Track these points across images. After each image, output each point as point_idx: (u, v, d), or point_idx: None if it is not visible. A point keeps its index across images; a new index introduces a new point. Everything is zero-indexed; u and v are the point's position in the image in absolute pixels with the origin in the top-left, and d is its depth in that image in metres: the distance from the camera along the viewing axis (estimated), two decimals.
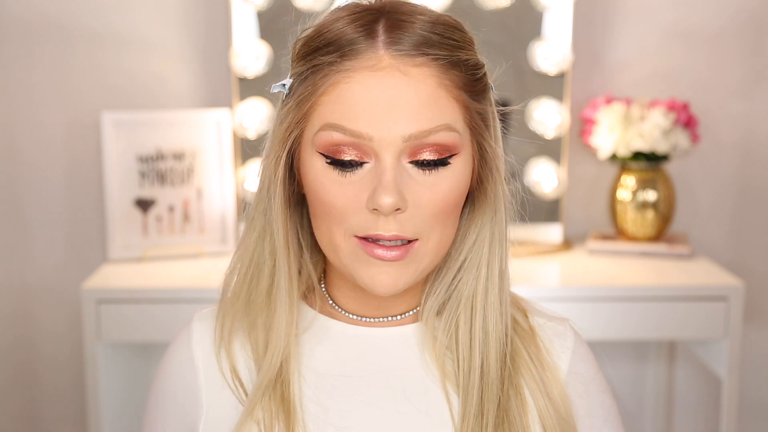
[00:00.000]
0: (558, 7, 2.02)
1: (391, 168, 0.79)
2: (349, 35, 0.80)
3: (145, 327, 1.82)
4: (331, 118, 0.80)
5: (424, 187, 0.81)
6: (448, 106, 0.80)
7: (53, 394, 2.23)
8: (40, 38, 2.09)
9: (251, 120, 2.02)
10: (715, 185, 2.21)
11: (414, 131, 0.79)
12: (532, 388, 0.89)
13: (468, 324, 0.88)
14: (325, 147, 0.81)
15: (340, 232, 0.82)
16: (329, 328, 0.91)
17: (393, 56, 0.79)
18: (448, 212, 0.83)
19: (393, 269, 0.82)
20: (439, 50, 0.80)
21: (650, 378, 2.28)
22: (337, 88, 0.80)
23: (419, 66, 0.79)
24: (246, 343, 0.90)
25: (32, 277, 2.18)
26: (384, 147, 0.79)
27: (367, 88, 0.79)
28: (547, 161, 2.08)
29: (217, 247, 2.06)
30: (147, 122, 2.03)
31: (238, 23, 2.01)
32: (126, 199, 2.03)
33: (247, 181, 2.05)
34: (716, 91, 2.17)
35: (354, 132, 0.79)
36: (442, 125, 0.80)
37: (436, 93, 0.80)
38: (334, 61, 0.80)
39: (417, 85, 0.79)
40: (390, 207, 0.78)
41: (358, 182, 0.80)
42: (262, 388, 0.86)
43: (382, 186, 0.78)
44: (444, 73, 0.80)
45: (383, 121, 0.78)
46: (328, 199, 0.81)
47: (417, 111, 0.79)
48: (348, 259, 0.83)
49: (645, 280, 1.89)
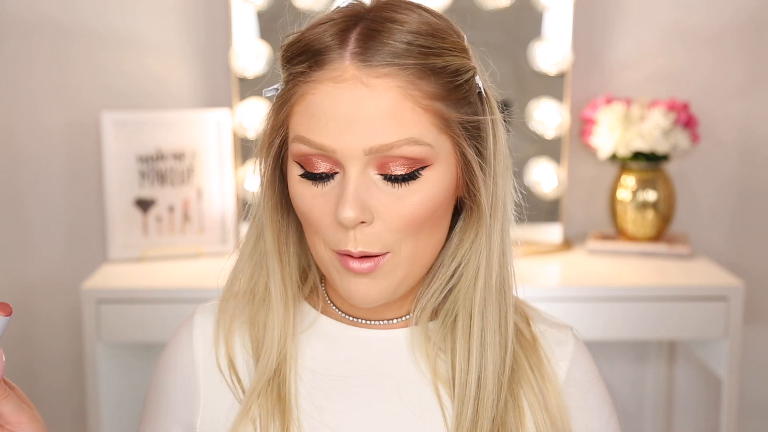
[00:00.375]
0: (558, 7, 2.02)
1: (355, 180, 0.78)
2: (321, 43, 0.79)
3: (145, 327, 1.82)
4: (300, 130, 0.80)
5: (392, 199, 0.80)
6: (414, 118, 0.78)
7: (53, 394, 2.23)
8: (40, 38, 2.09)
9: (251, 120, 2.02)
10: (715, 185, 2.21)
11: (375, 144, 0.77)
12: (531, 401, 0.88)
13: (465, 333, 0.87)
14: (298, 157, 0.81)
15: (320, 243, 0.83)
16: (328, 328, 0.91)
17: (357, 67, 0.78)
18: (421, 224, 0.81)
19: (367, 281, 0.82)
20: (407, 59, 0.78)
21: (650, 378, 2.28)
22: (306, 99, 0.80)
23: (383, 77, 0.77)
24: (246, 340, 0.91)
25: (32, 276, 2.18)
26: (347, 159, 0.78)
27: (330, 99, 0.78)
28: (547, 161, 2.08)
29: (217, 247, 2.06)
30: (147, 122, 2.03)
31: (238, 23, 2.01)
32: (126, 199, 2.03)
33: (247, 181, 2.05)
34: (716, 91, 2.17)
35: (317, 144, 0.79)
36: (405, 139, 0.78)
37: (400, 105, 0.77)
38: (304, 71, 0.80)
39: (379, 97, 0.77)
40: (351, 221, 0.78)
41: (328, 193, 0.80)
42: (259, 388, 0.87)
43: (343, 199, 0.78)
44: (412, 83, 0.78)
45: (344, 133, 0.78)
46: (303, 208, 0.82)
47: (378, 124, 0.77)
48: (329, 269, 0.84)
49: (645, 280, 1.89)
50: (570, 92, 2.08)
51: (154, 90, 2.12)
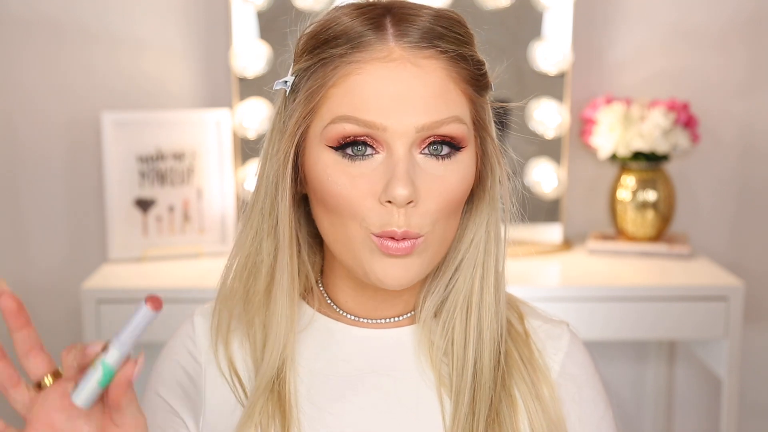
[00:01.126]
0: (558, 7, 2.02)
1: (404, 159, 0.79)
2: (358, 28, 0.80)
3: None
4: (343, 110, 0.80)
5: (434, 179, 0.80)
6: (456, 98, 0.81)
7: None
8: (40, 38, 2.09)
9: (251, 120, 2.02)
10: (715, 185, 2.21)
11: (426, 122, 0.79)
12: (523, 390, 0.89)
13: (463, 323, 0.88)
14: (336, 139, 0.80)
15: (356, 226, 0.81)
16: (327, 327, 0.91)
17: (403, 48, 0.79)
18: (454, 206, 0.83)
19: (402, 262, 0.81)
20: (447, 43, 0.80)
21: (650, 378, 2.28)
22: (348, 79, 0.80)
23: (429, 58, 0.80)
24: (245, 341, 0.90)
25: (32, 276, 2.18)
26: (396, 137, 0.79)
27: (378, 79, 0.79)
28: (547, 161, 2.08)
29: (217, 247, 2.06)
30: (147, 122, 2.03)
31: (238, 23, 2.01)
32: (126, 199, 2.03)
33: (247, 181, 2.05)
34: (716, 91, 2.17)
35: (367, 122, 0.79)
36: (452, 117, 0.80)
37: (445, 85, 0.80)
38: (345, 53, 0.80)
39: (427, 76, 0.79)
40: (405, 199, 0.78)
41: (370, 174, 0.80)
42: (261, 389, 0.86)
43: (397, 177, 0.78)
44: (452, 66, 0.81)
45: (396, 111, 0.78)
46: (340, 191, 0.80)
47: (428, 102, 0.79)
48: (362, 252, 0.82)
49: (645, 280, 1.89)
50: (570, 92, 2.08)
51: (154, 90, 2.12)
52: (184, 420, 0.90)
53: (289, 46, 0.87)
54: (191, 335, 0.92)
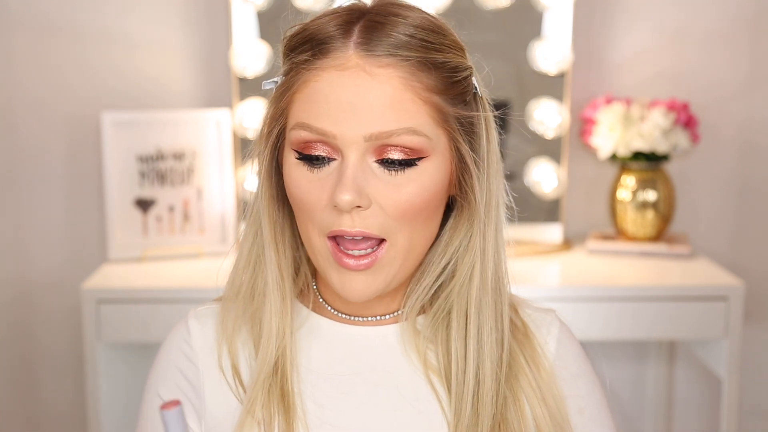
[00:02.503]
0: (558, 7, 2.02)
1: (353, 166, 0.80)
2: (324, 33, 0.81)
3: (145, 327, 1.82)
4: (301, 117, 0.82)
5: (388, 187, 0.81)
6: (413, 109, 0.80)
7: (53, 394, 2.23)
8: (40, 38, 2.09)
9: (251, 120, 2.02)
10: (715, 185, 2.21)
11: (375, 131, 0.79)
12: (529, 394, 0.89)
13: (462, 333, 0.87)
14: (296, 144, 0.82)
15: (314, 230, 0.83)
16: (321, 326, 0.91)
17: (360, 56, 0.80)
18: (415, 214, 0.82)
19: (363, 277, 0.83)
20: (411, 52, 0.80)
21: (650, 378, 2.28)
22: (308, 86, 0.81)
23: (385, 67, 0.80)
24: (248, 341, 0.91)
25: (33, 276, 2.18)
26: (347, 145, 0.80)
27: (332, 86, 0.80)
28: (547, 161, 2.08)
29: (217, 247, 2.06)
30: (147, 122, 2.03)
31: (238, 23, 2.01)
32: (126, 199, 2.03)
33: (247, 181, 2.05)
34: (716, 91, 2.17)
35: (319, 130, 0.80)
36: (405, 128, 0.80)
37: (401, 95, 0.80)
38: (307, 60, 0.82)
39: (381, 86, 0.79)
40: (348, 204, 0.79)
41: (325, 178, 0.82)
42: (259, 384, 0.87)
43: (341, 183, 0.80)
44: (413, 75, 0.80)
45: (346, 120, 0.79)
46: (299, 194, 0.83)
47: (379, 112, 0.79)
48: (322, 261, 0.84)
49: (645, 280, 1.89)
50: (570, 92, 2.08)
51: (154, 90, 2.12)
52: (187, 423, 0.90)
53: None
54: (186, 338, 0.92)
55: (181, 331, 0.93)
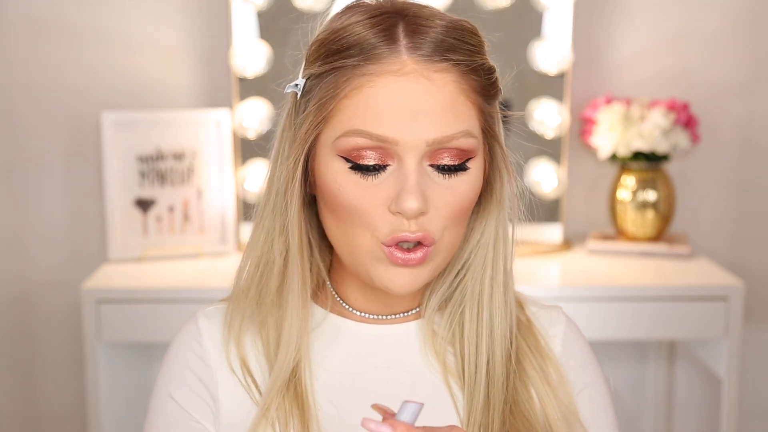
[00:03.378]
0: (558, 7, 2.02)
1: (415, 171, 0.80)
2: (370, 39, 0.80)
3: (145, 327, 1.82)
4: (355, 123, 0.80)
5: (443, 189, 0.82)
6: (466, 111, 0.82)
7: (53, 394, 2.23)
8: (40, 38, 2.09)
9: (251, 120, 2.02)
10: (715, 185, 2.21)
11: (437, 136, 0.80)
12: (532, 375, 0.91)
13: (474, 322, 0.89)
14: (347, 151, 0.81)
15: (366, 235, 0.82)
16: (339, 326, 0.91)
17: (416, 61, 0.80)
18: (464, 213, 0.84)
19: (410, 270, 0.83)
20: (459, 55, 0.81)
21: (650, 378, 2.28)
22: (361, 92, 0.80)
23: (441, 71, 0.80)
24: (257, 340, 0.90)
25: (33, 276, 2.18)
26: (407, 151, 0.80)
27: (391, 93, 0.79)
28: (547, 161, 2.08)
29: (217, 247, 2.06)
30: (147, 122, 2.03)
31: (238, 23, 2.01)
32: (126, 199, 2.03)
33: (247, 181, 2.05)
34: (716, 91, 2.17)
35: (380, 137, 0.80)
36: (462, 131, 0.81)
37: (456, 99, 0.81)
38: (357, 65, 0.80)
39: (439, 90, 0.80)
40: (415, 211, 0.79)
41: (381, 185, 0.81)
42: (276, 388, 0.86)
43: (407, 190, 0.79)
44: (463, 78, 0.81)
45: (408, 125, 0.79)
46: (350, 201, 0.82)
47: (440, 116, 0.80)
48: (367, 260, 0.83)
49: (645, 280, 1.89)
50: (570, 92, 2.08)
51: (154, 90, 2.12)
52: (203, 424, 0.89)
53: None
54: (198, 338, 0.92)
55: (192, 331, 0.92)
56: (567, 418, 0.90)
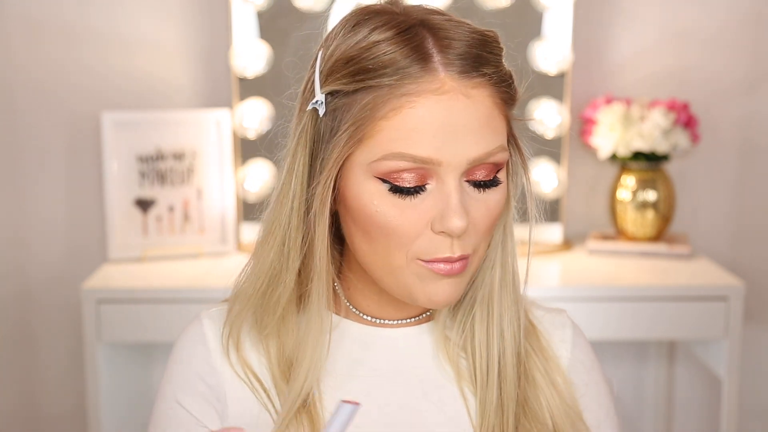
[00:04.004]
0: (558, 7, 2.02)
1: (457, 190, 0.79)
2: (404, 58, 0.78)
3: (145, 327, 1.82)
4: (397, 146, 0.78)
5: (479, 204, 0.82)
6: (500, 125, 0.81)
7: (53, 394, 2.23)
8: (40, 38, 2.09)
9: (251, 120, 2.02)
10: (715, 185, 2.21)
11: (479, 154, 0.79)
12: (538, 379, 0.91)
13: (485, 323, 0.90)
14: (386, 174, 0.79)
15: (402, 255, 0.81)
16: (349, 331, 0.91)
17: (453, 78, 0.78)
18: (494, 224, 0.84)
19: (453, 281, 0.82)
20: (490, 68, 0.80)
21: (650, 378, 2.28)
22: (401, 113, 0.78)
23: (477, 87, 0.79)
24: (259, 347, 0.89)
25: (33, 276, 2.18)
26: (450, 171, 0.79)
27: (432, 112, 0.78)
28: (547, 161, 2.08)
29: (217, 247, 2.06)
30: (147, 122, 2.03)
31: (238, 23, 2.01)
32: (126, 199, 2.03)
33: (247, 181, 2.05)
34: (716, 91, 2.17)
35: (423, 159, 0.78)
36: (499, 146, 0.81)
37: (492, 113, 0.80)
38: (394, 84, 0.78)
39: (477, 107, 0.79)
40: (462, 230, 0.79)
41: (421, 204, 0.80)
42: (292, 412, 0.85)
43: (452, 209, 0.79)
44: (496, 91, 0.81)
45: (450, 145, 0.78)
46: (389, 222, 0.80)
47: (480, 133, 0.79)
48: (410, 279, 0.82)
49: (645, 280, 1.89)
50: (570, 92, 2.08)
51: (154, 90, 2.12)
52: (212, 430, 0.88)
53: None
54: (203, 341, 0.90)
55: (197, 333, 0.91)
56: (572, 421, 0.90)
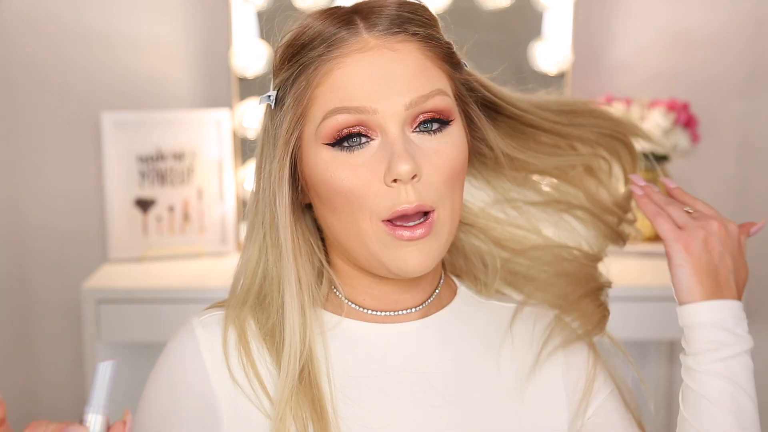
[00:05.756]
0: (558, 7, 2.02)
1: (400, 138, 0.81)
2: (330, 28, 0.83)
3: (145, 327, 1.82)
4: (333, 103, 0.82)
5: (431, 153, 0.83)
6: (435, 74, 0.84)
7: (53, 394, 2.23)
8: (40, 38, 2.09)
9: (251, 120, 2.02)
10: (715, 185, 2.21)
11: (412, 98, 0.82)
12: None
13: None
14: (331, 134, 0.82)
15: (365, 217, 0.82)
16: (352, 329, 0.90)
17: (377, 37, 0.83)
18: (455, 178, 0.85)
19: (420, 247, 0.83)
20: (415, 26, 0.84)
21: (650, 378, 2.28)
22: (331, 75, 0.82)
23: (402, 42, 0.83)
24: (262, 349, 0.88)
25: (32, 276, 2.18)
26: (388, 118, 0.81)
27: (360, 68, 0.82)
28: None
29: (217, 247, 2.06)
30: (147, 122, 2.03)
31: (238, 23, 2.01)
32: (126, 199, 2.03)
33: (247, 181, 2.05)
34: (716, 91, 2.17)
35: (358, 109, 0.81)
36: (436, 90, 0.83)
37: (423, 63, 0.83)
38: (323, 53, 0.83)
39: (405, 57, 0.83)
40: (408, 173, 0.80)
41: (370, 160, 0.82)
42: (285, 396, 0.84)
43: (396, 155, 0.80)
44: (425, 46, 0.84)
45: (382, 94, 0.81)
46: (344, 184, 0.82)
47: (411, 80, 0.82)
48: (377, 246, 0.83)
49: (645, 280, 1.89)
50: (570, 92, 2.08)
51: (154, 90, 2.12)
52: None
53: None
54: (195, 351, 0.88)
55: (188, 343, 0.88)
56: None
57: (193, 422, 0.87)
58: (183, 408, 0.87)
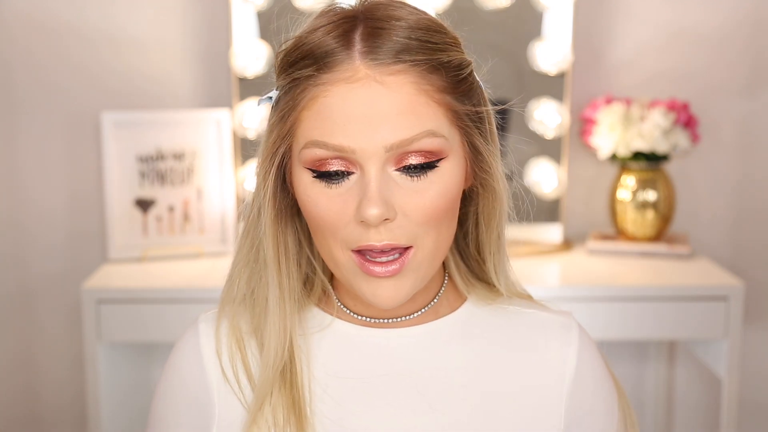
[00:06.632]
0: (558, 7, 2.02)
1: (376, 178, 0.79)
2: (325, 46, 0.80)
3: (145, 327, 1.82)
4: (313, 134, 0.80)
5: (411, 193, 0.80)
6: (428, 112, 0.80)
7: (53, 394, 2.23)
8: (40, 38, 2.09)
9: (251, 120, 2.02)
10: (715, 185, 2.21)
11: (395, 140, 0.78)
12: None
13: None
14: (310, 163, 0.81)
15: (337, 246, 0.82)
16: (343, 331, 0.91)
17: (369, 66, 0.78)
18: (440, 217, 0.82)
19: (392, 283, 0.82)
20: (417, 55, 0.79)
21: (650, 378, 2.28)
22: (316, 102, 0.80)
23: (396, 74, 0.79)
24: (251, 344, 0.90)
25: (33, 276, 2.18)
26: (367, 158, 0.79)
27: (344, 100, 0.78)
28: (547, 161, 2.08)
29: (217, 247, 2.06)
30: (147, 122, 2.03)
31: (238, 23, 2.01)
32: (126, 199, 2.03)
33: (247, 181, 2.05)
34: (716, 91, 2.17)
35: (336, 147, 0.79)
36: (424, 132, 0.79)
37: (415, 100, 0.79)
38: (312, 75, 0.80)
39: (394, 94, 0.78)
40: (376, 218, 0.78)
41: (345, 194, 0.80)
42: (264, 393, 0.86)
43: (367, 198, 0.78)
44: (423, 78, 0.79)
45: (363, 132, 0.78)
46: (318, 212, 0.81)
47: (396, 120, 0.78)
48: (348, 274, 0.83)
49: (645, 280, 1.89)
50: (570, 92, 2.08)
51: (154, 90, 2.12)
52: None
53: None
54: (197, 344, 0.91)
55: (192, 336, 0.92)
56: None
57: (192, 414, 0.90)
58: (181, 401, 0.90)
